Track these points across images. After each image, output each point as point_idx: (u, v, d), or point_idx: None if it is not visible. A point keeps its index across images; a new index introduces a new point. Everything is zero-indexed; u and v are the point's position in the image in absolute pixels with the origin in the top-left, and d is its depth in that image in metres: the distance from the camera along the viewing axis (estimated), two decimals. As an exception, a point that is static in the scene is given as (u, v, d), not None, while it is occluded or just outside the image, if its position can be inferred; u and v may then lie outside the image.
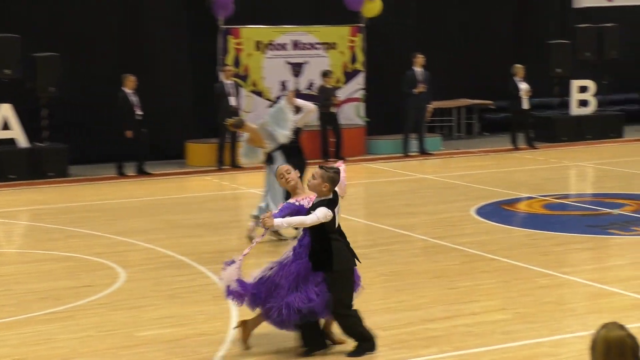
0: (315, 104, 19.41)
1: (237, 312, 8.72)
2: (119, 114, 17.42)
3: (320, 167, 7.41)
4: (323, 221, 7.23)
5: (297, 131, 11.78)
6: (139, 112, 17.44)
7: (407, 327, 8.17)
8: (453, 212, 13.39)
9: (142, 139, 17.47)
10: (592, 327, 3.98)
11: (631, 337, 3.87)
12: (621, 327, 3.89)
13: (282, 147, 11.64)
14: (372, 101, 20.54)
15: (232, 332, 7.95)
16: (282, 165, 8.09)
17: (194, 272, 10.38)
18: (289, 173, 7.88)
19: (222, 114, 17.50)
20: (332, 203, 7.31)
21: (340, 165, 7.68)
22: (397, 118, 20.04)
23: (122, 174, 17.63)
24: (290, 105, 11.64)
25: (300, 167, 11.64)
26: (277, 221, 7.36)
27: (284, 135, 11.58)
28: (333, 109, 19.03)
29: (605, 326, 3.90)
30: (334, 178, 7.30)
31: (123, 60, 18.92)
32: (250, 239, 11.68)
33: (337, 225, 7.38)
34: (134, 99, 17.45)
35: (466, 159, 19.19)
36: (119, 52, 19.23)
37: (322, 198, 7.33)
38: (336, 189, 7.42)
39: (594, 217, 12.91)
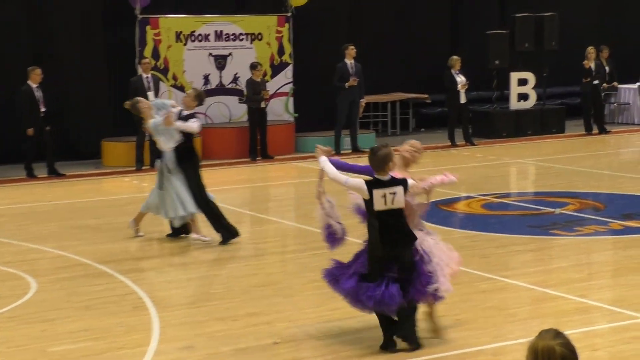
0: (241, 100, 19.54)
1: (159, 324, 8.66)
2: (21, 110, 17.14)
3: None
4: (351, 189, 7.82)
5: (188, 134, 11.83)
6: (42, 108, 17.18)
7: (342, 337, 8.19)
8: (388, 213, 13.42)
9: (45, 138, 17.23)
10: (534, 333, 4.03)
11: (564, 345, 3.89)
12: (557, 335, 3.93)
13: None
14: (301, 96, 20.55)
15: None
16: (413, 141, 8.40)
17: (112, 281, 10.27)
18: (418, 153, 8.20)
19: (140, 110, 17.33)
20: (374, 183, 7.71)
21: (444, 176, 7.96)
22: (328, 113, 20.08)
23: (31, 176, 17.36)
24: (168, 127, 11.66)
25: (192, 168, 11.71)
26: (323, 159, 8.00)
27: (161, 143, 11.82)
28: (263, 104, 18.98)
29: (540, 334, 3.95)
30: (370, 157, 7.79)
31: (30, 52, 18.63)
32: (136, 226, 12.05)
33: (378, 210, 7.68)
34: (38, 94, 17.19)
35: (401, 156, 19.29)
36: (26, 43, 18.92)
37: (376, 175, 7.73)
38: (394, 174, 7.75)
39: (536, 217, 13.09)
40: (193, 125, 11.78)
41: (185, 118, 11.88)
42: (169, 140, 11.72)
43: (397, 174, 7.90)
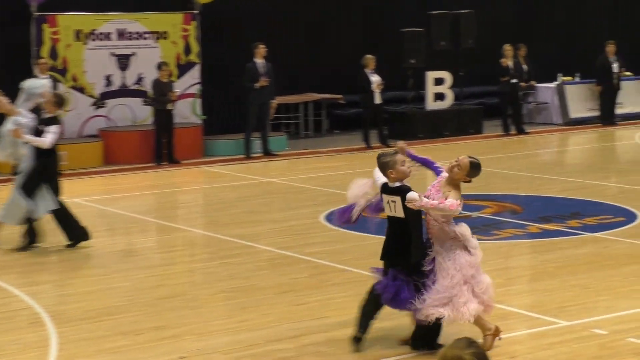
0: (146, 101, 19.36)
1: (57, 340, 8.51)
2: None
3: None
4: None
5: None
6: None
7: (251, 349, 8.16)
8: (301, 220, 13.49)
9: None
10: (450, 341, 4.05)
11: (476, 355, 3.90)
12: (469, 344, 3.94)
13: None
14: (210, 97, 20.46)
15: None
16: (462, 156, 8.16)
17: (6, 295, 10.07)
18: (457, 168, 7.99)
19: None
20: (384, 188, 8.12)
21: (439, 201, 7.76)
22: (237, 115, 20.01)
23: None
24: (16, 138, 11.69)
25: (49, 169, 11.68)
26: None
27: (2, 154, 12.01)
28: (169, 106, 18.84)
29: (452, 343, 3.96)
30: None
31: None
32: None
33: (388, 215, 8.11)
34: None
35: (315, 159, 19.35)
36: None
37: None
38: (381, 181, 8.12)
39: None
40: (45, 141, 11.65)
41: (47, 122, 11.75)
42: (5, 154, 11.76)
43: (435, 186, 7.98)
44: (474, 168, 7.98)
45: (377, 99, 20.29)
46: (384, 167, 8.05)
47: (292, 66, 21.68)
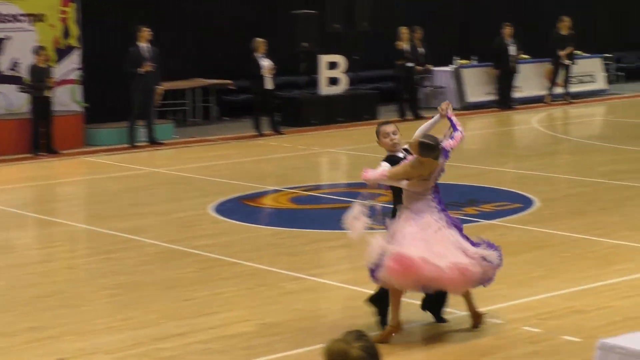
0: (22, 88, 19.04)
1: None
2: None
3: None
4: None
5: None
6: None
7: (135, 349, 8.12)
8: (188, 211, 13.43)
9: None
10: (344, 335, 4.07)
11: (364, 349, 3.92)
12: (359, 337, 3.95)
13: None
14: (91, 83, 20.21)
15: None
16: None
17: None
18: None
19: None
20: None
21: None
22: (121, 102, 19.80)
23: None
24: None
25: None
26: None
27: None
28: (48, 93, 18.55)
29: (341, 335, 3.97)
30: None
31: None
32: None
33: None
34: None
35: (203, 148, 19.28)
36: None
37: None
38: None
39: (347, 211, 13.27)
40: None
41: None
42: None
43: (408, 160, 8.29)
44: (423, 148, 8.15)
45: (269, 84, 20.27)
46: (376, 135, 8.48)
47: (179, 50, 21.54)
